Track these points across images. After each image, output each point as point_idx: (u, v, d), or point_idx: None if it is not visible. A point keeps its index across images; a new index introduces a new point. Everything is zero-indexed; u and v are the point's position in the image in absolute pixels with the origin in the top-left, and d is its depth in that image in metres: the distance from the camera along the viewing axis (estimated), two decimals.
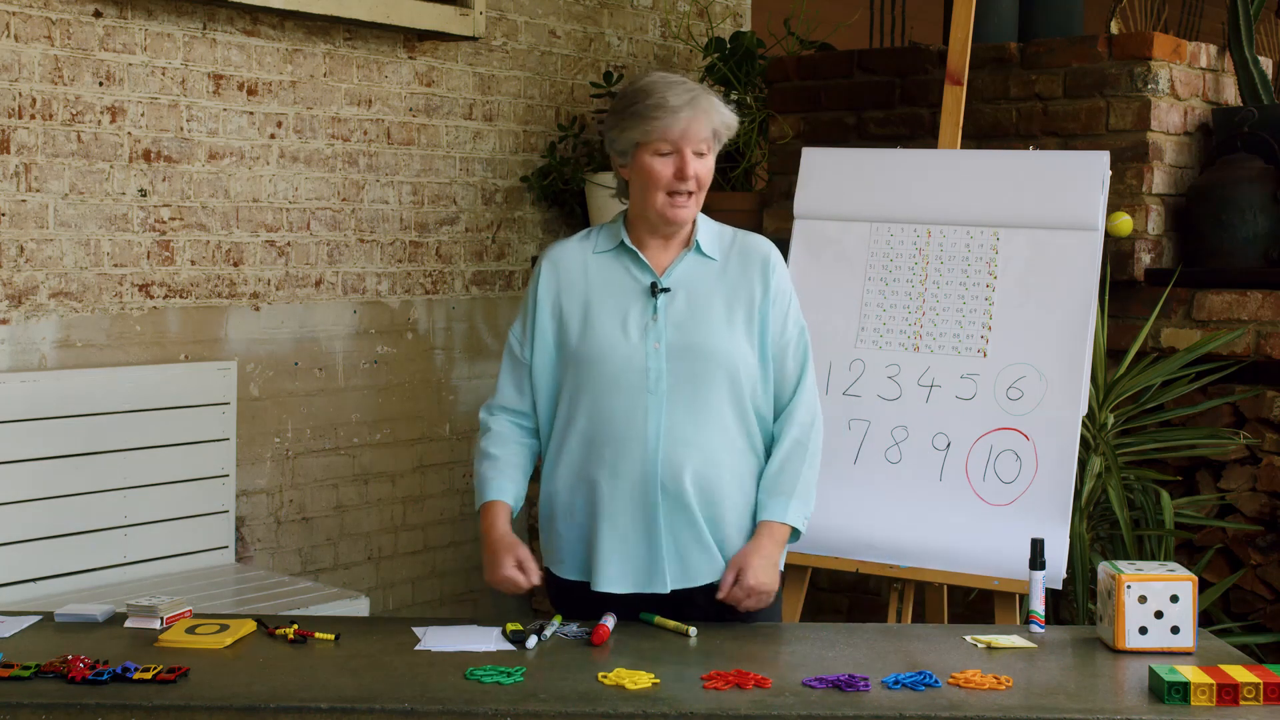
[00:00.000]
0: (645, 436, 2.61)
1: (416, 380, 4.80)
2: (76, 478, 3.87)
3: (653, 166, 2.62)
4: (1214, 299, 3.83)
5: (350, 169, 4.54)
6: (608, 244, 2.74)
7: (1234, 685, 2.19)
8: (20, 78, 3.78)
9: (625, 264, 2.71)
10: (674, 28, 5.51)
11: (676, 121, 2.60)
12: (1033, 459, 3.32)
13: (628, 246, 2.70)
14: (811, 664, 2.35)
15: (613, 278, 2.71)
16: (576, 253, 2.75)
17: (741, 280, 2.70)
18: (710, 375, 2.64)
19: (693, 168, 2.62)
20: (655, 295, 2.67)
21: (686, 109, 2.61)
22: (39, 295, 3.85)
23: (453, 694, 2.16)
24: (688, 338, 2.65)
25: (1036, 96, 4.12)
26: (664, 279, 2.68)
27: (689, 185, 2.62)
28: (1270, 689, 2.20)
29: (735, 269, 2.71)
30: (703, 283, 2.69)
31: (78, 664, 2.22)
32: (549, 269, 2.74)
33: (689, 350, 2.64)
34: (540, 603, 5.21)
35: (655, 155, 2.62)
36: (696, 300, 2.68)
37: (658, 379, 2.63)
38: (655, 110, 2.60)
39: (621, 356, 2.64)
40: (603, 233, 2.77)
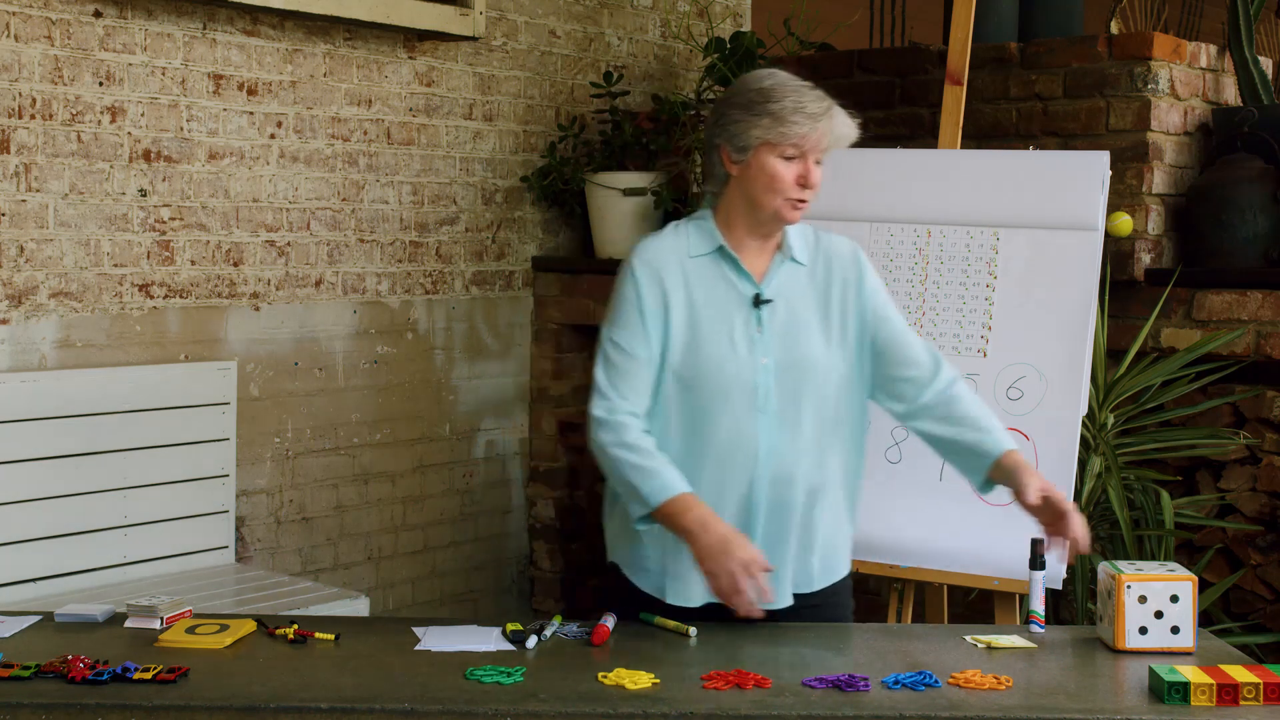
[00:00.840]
0: (755, 457, 2.57)
1: (416, 380, 4.80)
2: (76, 478, 3.87)
3: (776, 169, 2.55)
4: (1214, 299, 3.83)
5: (350, 169, 4.54)
6: (703, 246, 2.63)
7: (1234, 685, 2.19)
8: (20, 78, 3.78)
9: (724, 270, 2.62)
10: (674, 28, 5.51)
11: (814, 129, 2.54)
12: (1033, 459, 3.32)
13: (727, 252, 2.61)
14: (811, 664, 2.35)
15: (713, 285, 2.61)
16: (671, 254, 2.63)
17: (832, 284, 2.65)
18: (815, 390, 2.60)
19: (815, 175, 2.57)
20: (758, 306, 2.60)
21: (824, 118, 2.55)
22: (39, 295, 3.85)
23: (453, 694, 2.16)
24: (792, 352, 2.59)
25: (1036, 96, 4.12)
26: (764, 287, 2.61)
27: (810, 194, 2.57)
28: (1270, 689, 2.19)
29: (823, 273, 2.66)
30: (798, 291, 2.64)
31: (78, 664, 2.22)
32: (647, 272, 2.61)
33: (794, 365, 2.59)
34: (540, 603, 5.21)
35: (780, 158, 2.55)
36: (795, 311, 2.62)
37: (767, 396, 2.57)
38: (794, 114, 2.53)
39: (730, 373, 2.57)
40: (693, 232, 2.65)
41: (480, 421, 5.03)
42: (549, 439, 5.19)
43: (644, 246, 2.66)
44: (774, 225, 2.61)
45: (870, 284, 2.69)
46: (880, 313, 2.68)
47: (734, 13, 5.82)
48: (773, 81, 2.59)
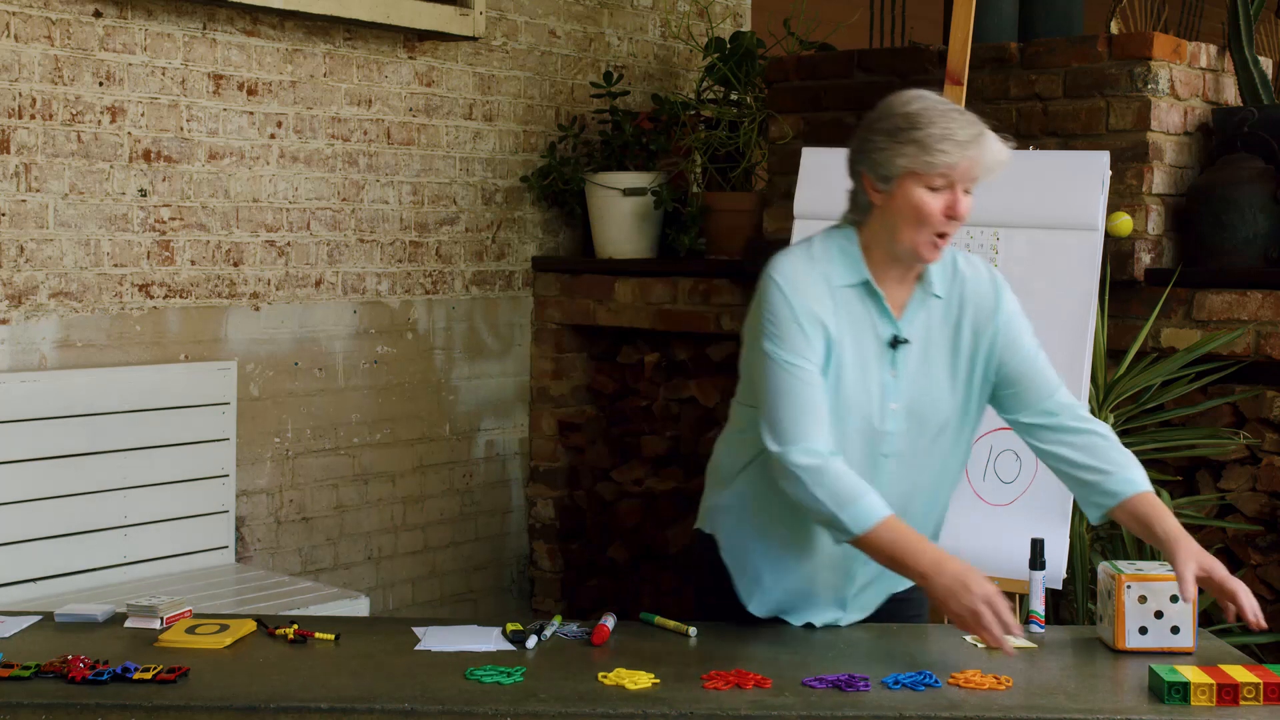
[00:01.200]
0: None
1: (416, 380, 4.80)
2: (76, 478, 3.87)
3: (923, 201, 2.38)
4: (1214, 299, 3.83)
5: (350, 169, 4.54)
6: (848, 276, 2.46)
7: (1234, 685, 2.19)
8: (20, 78, 3.78)
9: (868, 306, 2.47)
10: (674, 28, 5.51)
11: (963, 158, 2.36)
12: (1033, 459, 3.32)
13: (874, 289, 2.46)
14: (811, 664, 2.35)
15: (857, 321, 2.46)
16: (820, 283, 2.45)
17: (964, 317, 2.52)
18: (939, 435, 2.52)
19: (964, 206, 2.39)
20: (895, 348, 2.47)
21: (974, 145, 2.37)
22: (39, 295, 3.85)
23: (453, 694, 2.16)
24: (921, 399, 2.49)
25: (1036, 96, 4.12)
26: (902, 325, 2.48)
27: (955, 226, 2.40)
28: (1270, 689, 2.19)
29: (957, 305, 2.52)
30: (933, 329, 2.50)
31: (78, 664, 2.22)
32: (798, 292, 2.43)
33: (922, 413, 2.49)
34: (540, 603, 5.22)
35: (927, 189, 2.38)
36: (929, 352, 2.50)
37: (893, 443, 2.49)
38: (942, 142, 2.36)
39: (862, 415, 2.46)
40: (838, 257, 2.48)
41: (480, 421, 5.03)
42: (549, 439, 5.19)
43: (786, 264, 2.47)
44: (912, 260, 2.46)
45: (1003, 316, 2.54)
46: (1012, 343, 2.54)
47: (734, 13, 5.82)
48: (920, 105, 2.41)
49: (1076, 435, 2.53)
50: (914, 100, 2.43)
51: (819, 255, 2.48)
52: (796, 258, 2.48)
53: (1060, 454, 2.53)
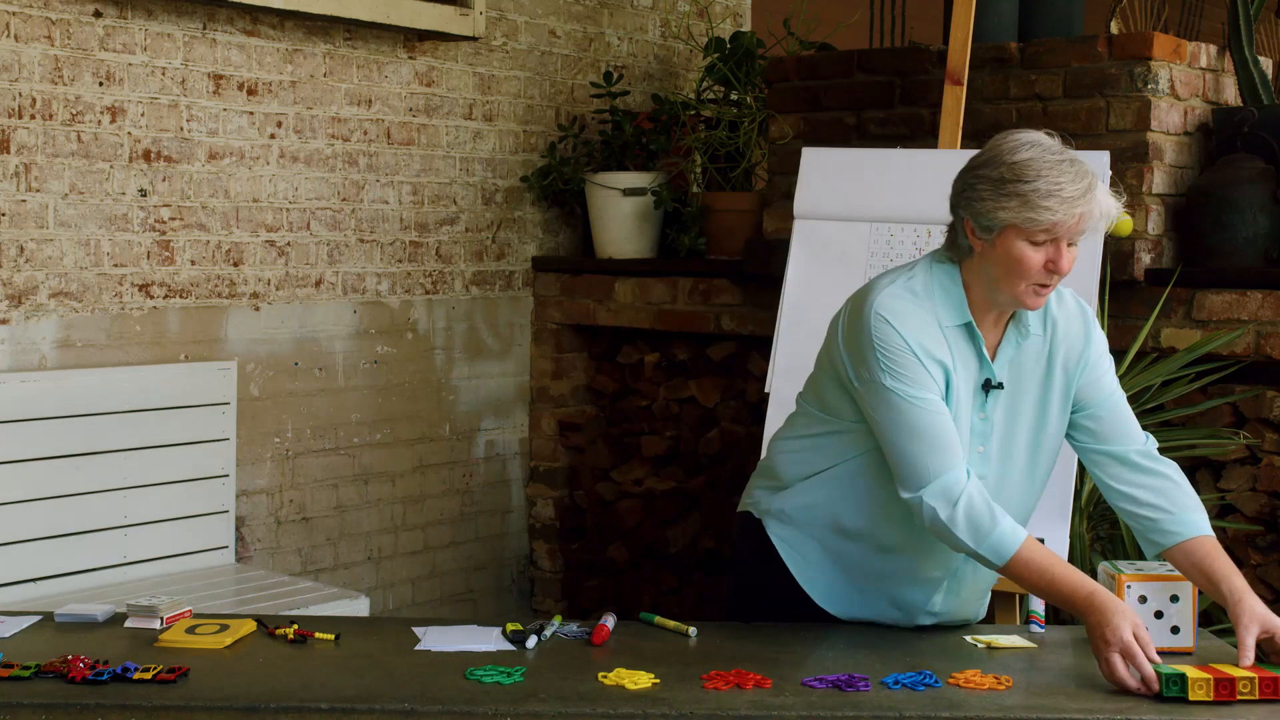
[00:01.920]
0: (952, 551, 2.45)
1: (416, 380, 4.80)
2: (76, 478, 3.87)
3: (1024, 255, 2.32)
4: (1214, 299, 3.83)
5: (350, 169, 4.54)
6: (953, 318, 2.41)
7: (1230, 680, 2.19)
8: (20, 78, 3.78)
9: (966, 346, 2.43)
10: (674, 28, 5.51)
11: (1070, 216, 2.29)
12: None
13: (975, 332, 2.42)
14: (811, 664, 2.35)
15: (964, 363, 2.42)
16: (930, 318, 2.40)
17: (1055, 356, 2.48)
18: (1025, 475, 2.51)
19: (1067, 261, 2.32)
20: (987, 391, 2.44)
21: (1082, 201, 2.30)
22: (39, 295, 3.85)
23: (453, 694, 2.16)
24: (1008, 439, 2.46)
25: (1036, 96, 4.12)
26: (995, 367, 2.44)
27: (1058, 279, 2.35)
28: (1266, 683, 2.20)
29: (1049, 343, 2.48)
30: (1024, 368, 2.47)
31: (78, 664, 2.22)
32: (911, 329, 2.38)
33: (1009, 452, 2.47)
34: (540, 603, 5.22)
35: (1029, 243, 2.32)
36: (1017, 394, 2.46)
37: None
38: (1049, 199, 2.29)
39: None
40: (941, 295, 2.42)
41: (480, 421, 5.03)
42: (549, 439, 5.19)
43: (897, 305, 2.40)
44: (1012, 307, 2.42)
45: (1093, 350, 2.51)
46: (1095, 382, 2.52)
47: (734, 13, 5.82)
48: (1027, 155, 2.33)
49: (1145, 475, 2.50)
50: (1022, 149, 2.35)
51: (922, 292, 2.43)
52: (900, 293, 2.42)
53: (1126, 492, 2.50)
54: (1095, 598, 2.27)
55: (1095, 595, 2.27)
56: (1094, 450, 2.54)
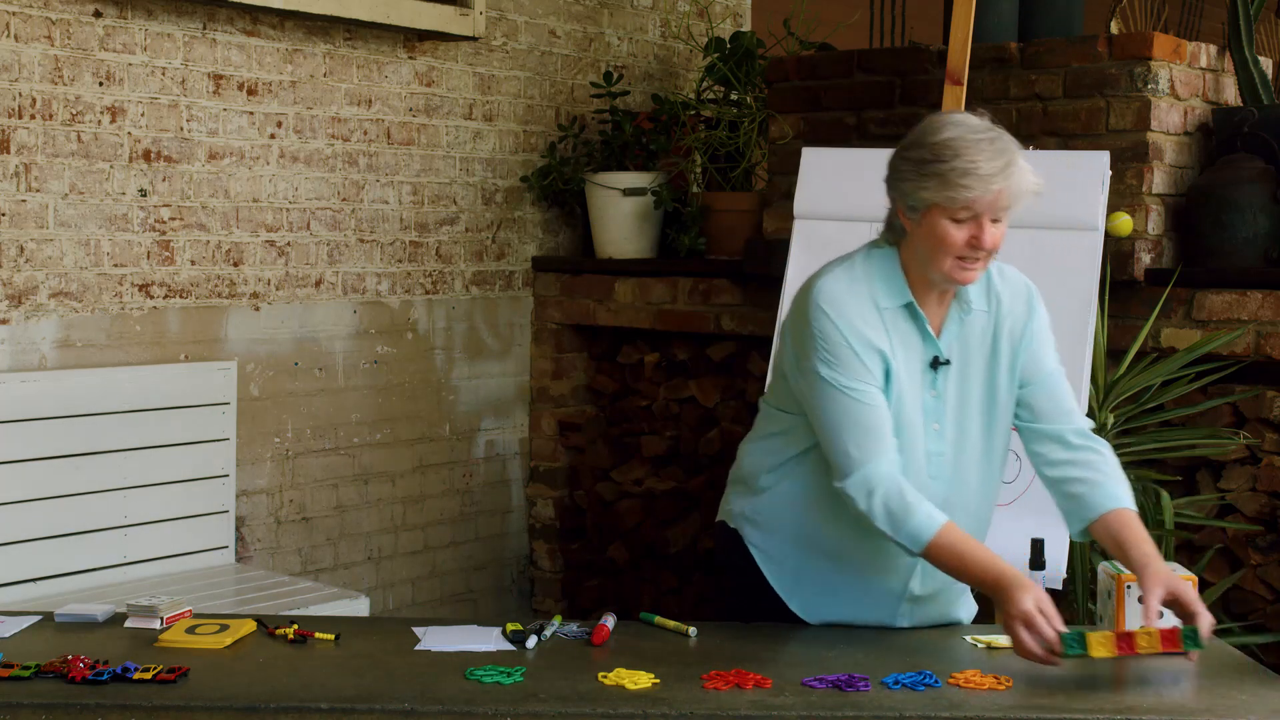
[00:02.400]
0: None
1: (416, 380, 4.80)
2: (76, 478, 3.87)
3: (948, 232, 2.38)
4: (1214, 299, 3.83)
5: (350, 169, 4.54)
6: (893, 299, 2.46)
7: (1130, 635, 2.26)
8: (20, 78, 3.78)
9: (911, 327, 2.47)
10: (674, 28, 5.51)
11: (987, 192, 2.35)
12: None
13: (917, 312, 2.47)
14: (811, 664, 2.35)
15: (902, 342, 2.46)
16: (868, 303, 2.45)
17: (1001, 330, 2.52)
18: (982, 450, 2.53)
19: (989, 237, 2.38)
20: (935, 369, 2.47)
21: (998, 178, 2.35)
22: (39, 295, 3.85)
23: (453, 694, 2.16)
24: (962, 415, 2.49)
25: (1036, 96, 4.12)
26: (941, 344, 2.48)
27: (982, 254, 2.40)
28: (1166, 636, 2.26)
29: (994, 318, 2.52)
30: (970, 344, 2.51)
31: (78, 664, 2.22)
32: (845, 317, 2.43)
33: (963, 428, 2.50)
34: (540, 603, 5.22)
35: (951, 221, 2.38)
36: (965, 369, 2.50)
37: (939, 464, 2.49)
38: (964, 177, 2.34)
39: (909, 436, 2.46)
40: (880, 278, 2.47)
41: (480, 421, 5.03)
42: (549, 439, 5.19)
43: (835, 287, 2.46)
44: (946, 284, 2.46)
45: (1035, 324, 2.55)
46: (1036, 357, 2.55)
47: (734, 13, 5.82)
48: (947, 135, 2.38)
49: (1076, 453, 2.54)
50: (944, 129, 2.40)
51: (861, 275, 2.47)
52: (839, 279, 2.47)
53: (1057, 472, 2.54)
54: (1002, 577, 2.32)
55: (1003, 575, 2.32)
56: (1031, 427, 2.58)
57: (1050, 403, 2.56)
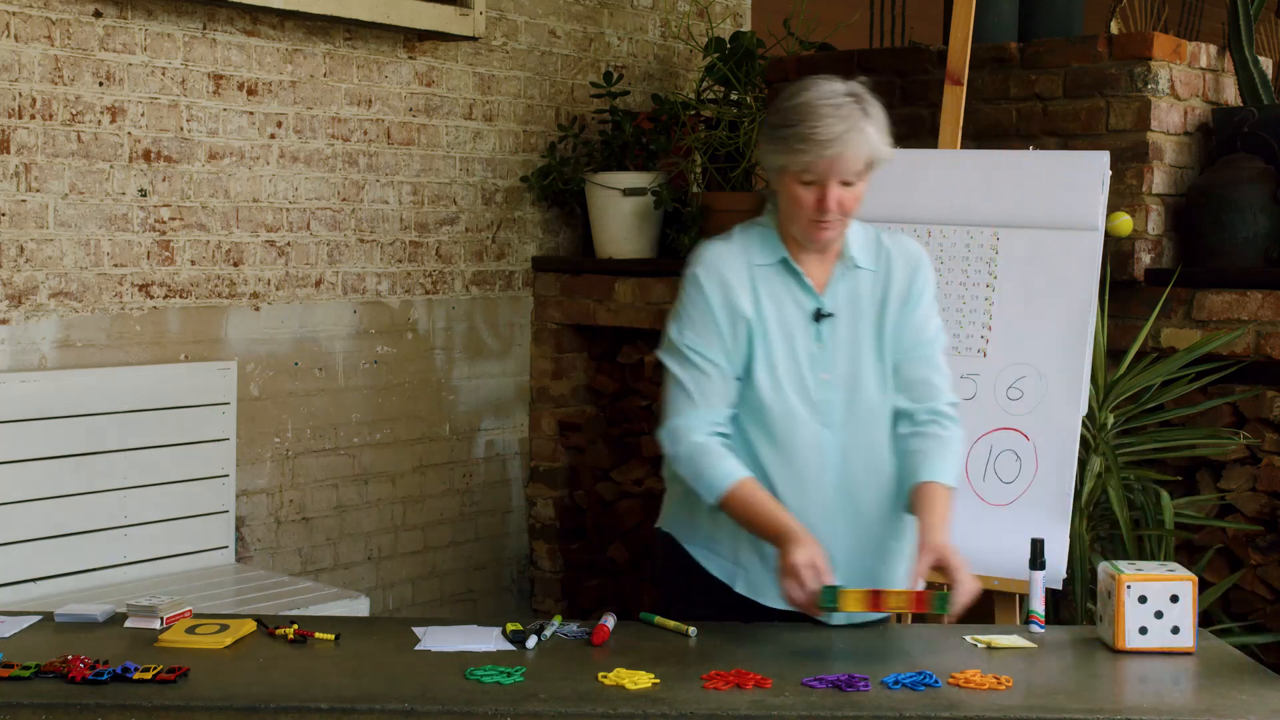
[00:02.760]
0: (823, 472, 2.56)
1: (416, 380, 4.80)
2: (76, 478, 3.87)
3: (797, 195, 2.50)
4: (1214, 299, 3.83)
5: (350, 169, 4.54)
6: (767, 257, 2.58)
7: (879, 592, 2.37)
8: (20, 78, 3.78)
9: (787, 282, 2.58)
10: (674, 28, 5.51)
11: (822, 157, 2.44)
12: (1033, 459, 3.32)
13: (791, 265, 2.57)
14: (811, 664, 2.35)
15: (778, 298, 2.57)
16: (738, 263, 2.58)
17: (893, 289, 2.60)
18: (874, 400, 2.59)
19: (834, 199, 2.47)
20: (819, 321, 2.57)
21: (835, 144, 2.44)
22: (39, 295, 3.85)
23: (453, 694, 2.16)
24: (854, 366, 2.57)
25: (1036, 96, 4.12)
26: (825, 299, 2.57)
27: (830, 217, 2.49)
28: (917, 596, 2.36)
29: (885, 277, 2.61)
30: (859, 300, 2.59)
31: (78, 664, 2.22)
32: (714, 279, 2.56)
33: (856, 378, 2.57)
34: (540, 603, 5.22)
35: (799, 184, 2.49)
36: (855, 322, 2.58)
37: (830, 412, 2.56)
38: (801, 143, 2.45)
39: (795, 387, 2.55)
40: (756, 240, 2.60)
41: (480, 421, 5.03)
42: (549, 439, 5.19)
43: (708, 252, 2.60)
44: (807, 243, 2.56)
45: (914, 293, 2.62)
46: (919, 320, 2.62)
47: (734, 13, 5.82)
48: (795, 102, 2.48)
49: (922, 426, 2.62)
50: (796, 95, 2.50)
51: (737, 240, 2.61)
52: (717, 245, 2.61)
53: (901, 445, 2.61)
54: (783, 531, 2.44)
55: (784, 529, 2.44)
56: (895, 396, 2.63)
57: (920, 375, 2.62)
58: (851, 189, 2.50)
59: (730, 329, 2.55)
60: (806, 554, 2.40)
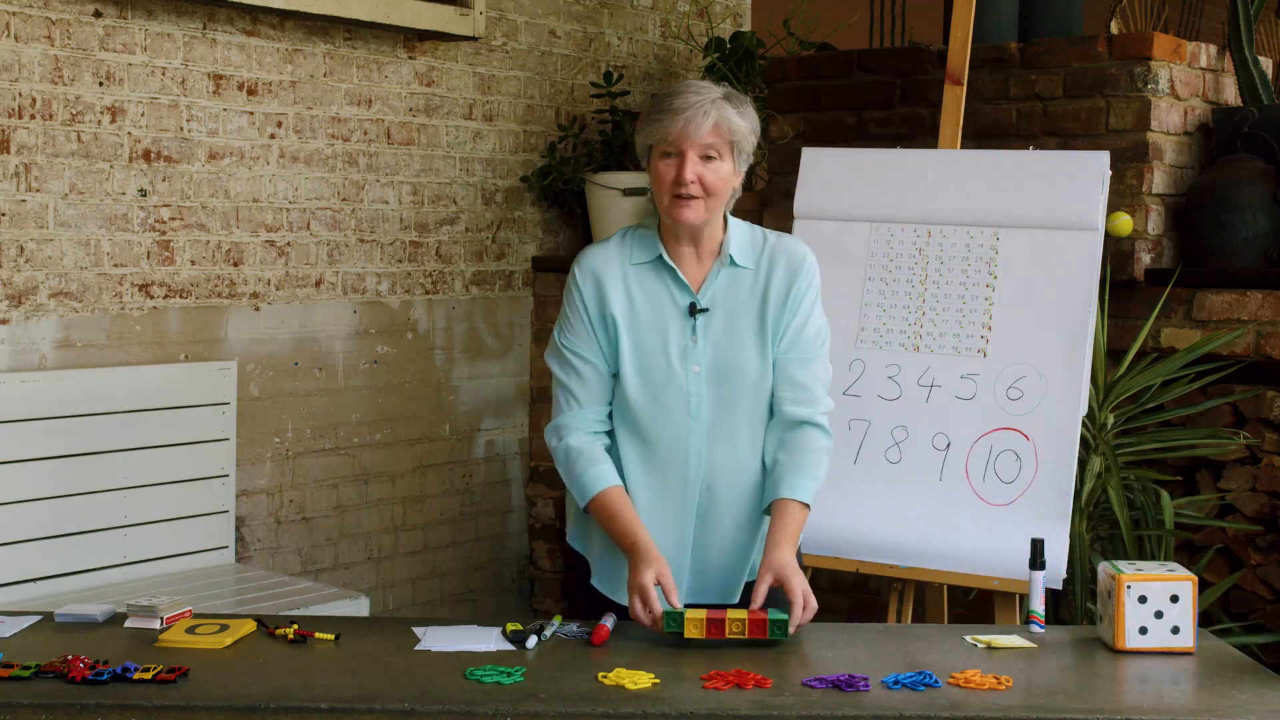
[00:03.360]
0: (686, 462, 2.62)
1: (416, 380, 4.80)
2: (76, 478, 3.87)
3: (658, 169, 2.58)
4: (1214, 299, 3.83)
5: (350, 169, 4.54)
6: (644, 255, 2.65)
7: (721, 619, 2.40)
8: (20, 78, 3.78)
9: (663, 279, 2.64)
10: (674, 28, 5.51)
11: (675, 123, 2.54)
12: (1033, 459, 3.32)
13: (666, 263, 2.63)
14: (811, 664, 2.35)
15: (652, 294, 2.64)
16: (615, 263, 2.66)
17: (771, 284, 2.64)
18: (747, 396, 2.63)
19: (692, 171, 2.54)
20: (694, 315, 2.62)
21: (688, 111, 2.54)
22: (39, 295, 3.85)
23: (453, 694, 2.16)
24: (725, 360, 2.62)
25: (1036, 96, 4.12)
26: (701, 297, 2.63)
27: (689, 189, 2.55)
28: (754, 624, 2.40)
29: (766, 277, 2.65)
30: (737, 297, 2.64)
31: (78, 664, 2.22)
32: (588, 280, 2.65)
33: (726, 373, 2.62)
34: (540, 603, 5.21)
35: (661, 157, 2.58)
36: (732, 318, 2.63)
37: (699, 404, 2.61)
38: (657, 112, 2.57)
39: (662, 380, 2.61)
40: (637, 240, 2.68)
41: (480, 421, 5.03)
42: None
43: (587, 253, 2.70)
44: (678, 229, 2.61)
45: (797, 290, 2.64)
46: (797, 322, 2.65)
47: (734, 13, 5.82)
48: (667, 89, 2.66)
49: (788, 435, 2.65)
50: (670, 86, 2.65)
51: (617, 242, 2.69)
52: (598, 245, 2.71)
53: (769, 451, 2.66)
54: (635, 547, 2.52)
55: (636, 545, 2.52)
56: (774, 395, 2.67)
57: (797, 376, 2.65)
58: (713, 166, 2.57)
59: (601, 328, 2.63)
60: (653, 573, 2.47)
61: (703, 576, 2.67)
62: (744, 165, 2.65)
